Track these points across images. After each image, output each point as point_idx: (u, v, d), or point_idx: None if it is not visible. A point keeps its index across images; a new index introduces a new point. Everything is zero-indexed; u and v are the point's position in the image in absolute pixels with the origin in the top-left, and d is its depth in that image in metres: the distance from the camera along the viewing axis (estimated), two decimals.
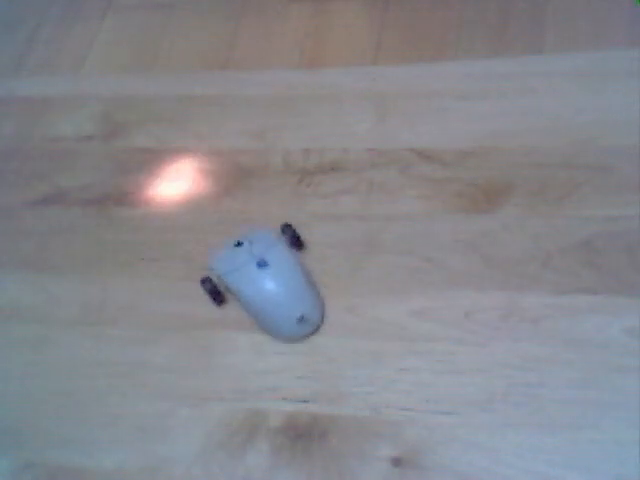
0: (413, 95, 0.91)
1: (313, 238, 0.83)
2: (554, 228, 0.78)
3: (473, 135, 0.86)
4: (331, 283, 0.80)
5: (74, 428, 0.78)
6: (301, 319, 0.76)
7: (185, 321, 0.81)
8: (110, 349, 0.81)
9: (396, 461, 0.69)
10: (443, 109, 0.89)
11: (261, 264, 0.77)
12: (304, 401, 0.74)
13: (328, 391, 0.74)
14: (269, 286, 0.77)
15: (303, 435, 0.72)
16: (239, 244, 0.79)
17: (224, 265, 0.79)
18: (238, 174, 0.90)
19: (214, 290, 0.80)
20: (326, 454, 0.71)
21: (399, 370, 0.73)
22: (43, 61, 1.08)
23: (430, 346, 0.74)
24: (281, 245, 0.79)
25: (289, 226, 0.81)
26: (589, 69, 0.87)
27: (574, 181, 0.80)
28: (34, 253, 0.90)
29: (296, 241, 0.81)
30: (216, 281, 0.80)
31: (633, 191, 0.78)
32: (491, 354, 0.73)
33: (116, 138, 0.97)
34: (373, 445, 0.70)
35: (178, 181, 0.92)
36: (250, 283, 0.77)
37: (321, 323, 0.78)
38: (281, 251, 0.79)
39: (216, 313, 0.81)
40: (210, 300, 0.80)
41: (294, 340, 0.77)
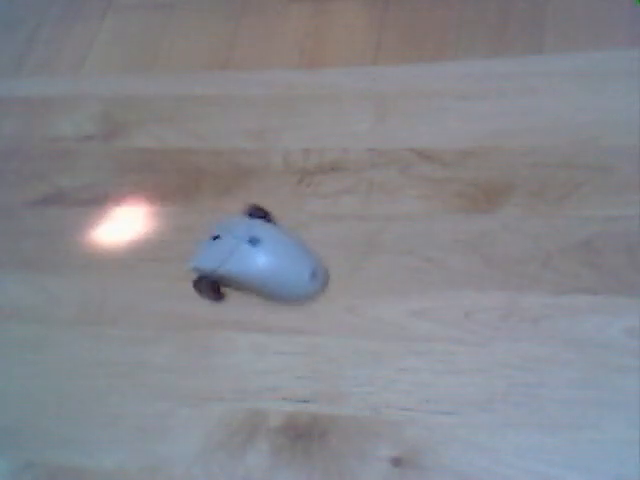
0: (413, 95, 0.91)
1: (313, 238, 0.83)
2: (554, 228, 0.78)
3: (473, 135, 0.86)
4: (331, 283, 0.80)
5: (74, 428, 0.78)
6: (313, 275, 0.77)
7: (185, 321, 0.81)
8: (110, 349, 0.81)
9: (396, 461, 0.69)
10: (443, 109, 0.89)
11: (253, 241, 0.77)
12: (304, 401, 0.74)
13: (328, 391, 0.74)
14: (272, 256, 0.77)
15: (303, 435, 0.72)
16: (216, 238, 0.79)
17: (213, 260, 0.79)
18: (238, 174, 0.90)
19: (212, 286, 0.80)
20: (326, 454, 0.71)
21: (399, 370, 0.73)
22: (43, 61, 1.08)
23: (430, 346, 0.74)
24: (260, 221, 0.80)
25: (259, 209, 0.82)
26: (589, 69, 0.87)
27: (574, 181, 0.80)
28: (34, 253, 0.90)
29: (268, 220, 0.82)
30: (207, 277, 0.80)
31: (633, 191, 0.78)
32: (491, 354, 0.73)
33: (116, 138, 0.97)
34: (373, 445, 0.70)
35: (178, 181, 0.92)
36: (251, 262, 0.77)
37: (328, 279, 0.79)
38: (264, 225, 0.80)
39: (216, 313, 0.81)
40: (209, 299, 0.80)
41: (309, 298, 0.78)
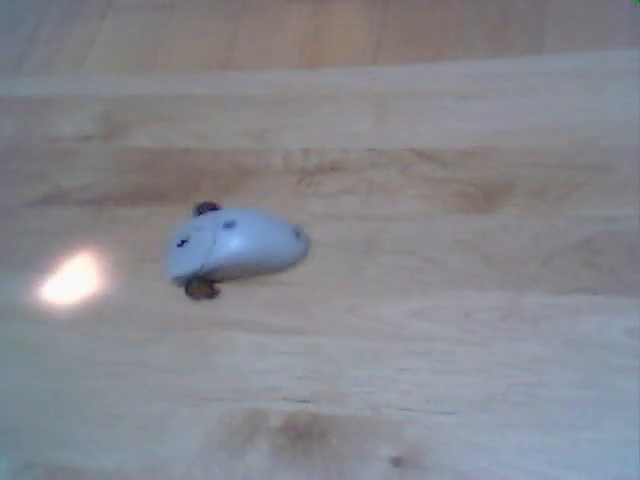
0: (413, 95, 0.91)
1: (313, 238, 0.83)
2: (554, 228, 0.78)
3: (473, 135, 0.86)
4: (331, 283, 0.80)
5: (74, 428, 0.78)
6: (297, 234, 0.79)
7: (185, 321, 0.81)
8: (110, 349, 0.81)
9: (396, 461, 0.69)
10: (443, 109, 0.89)
11: (229, 225, 0.78)
12: (304, 401, 0.74)
13: (328, 391, 0.74)
14: (253, 230, 0.79)
15: (303, 435, 0.72)
16: (184, 242, 0.79)
17: (194, 260, 0.79)
18: (238, 174, 0.90)
19: (205, 284, 0.80)
20: (326, 454, 0.71)
21: (399, 370, 0.73)
22: (43, 61, 1.08)
23: (430, 346, 0.74)
24: (224, 209, 0.81)
25: (207, 203, 0.83)
26: (589, 69, 0.87)
27: (574, 181, 0.80)
28: (34, 253, 0.90)
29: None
30: (197, 277, 0.80)
31: (633, 191, 0.78)
32: (491, 354, 0.73)
33: (116, 138, 0.97)
34: (373, 445, 0.70)
35: (178, 181, 0.92)
36: (236, 243, 0.78)
37: (310, 241, 0.81)
38: (230, 209, 0.81)
39: (216, 313, 0.81)
40: (205, 297, 0.80)
41: (299, 259, 0.80)
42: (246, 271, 0.80)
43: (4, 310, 0.87)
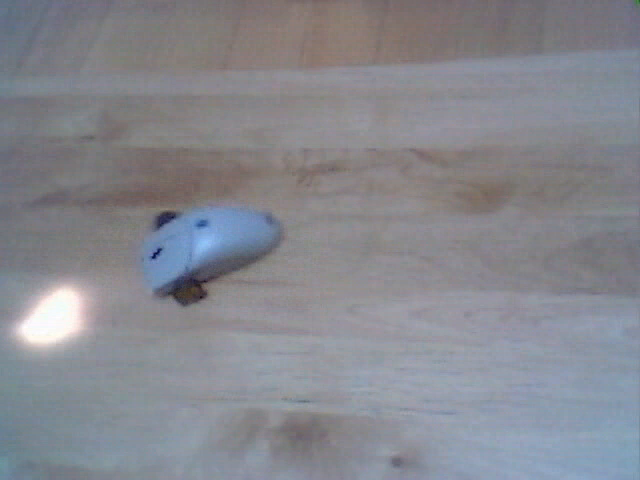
0: (413, 95, 0.91)
1: (313, 238, 0.83)
2: (554, 228, 0.78)
3: (473, 135, 0.86)
4: (331, 283, 0.80)
5: (74, 428, 0.78)
6: (268, 219, 0.81)
7: (185, 321, 0.81)
8: (110, 349, 0.81)
9: (396, 461, 0.69)
10: (443, 109, 0.89)
11: (202, 224, 0.79)
12: (304, 401, 0.74)
13: (328, 391, 0.74)
14: (227, 224, 0.79)
15: (303, 435, 0.72)
16: (158, 252, 0.80)
17: (174, 268, 0.79)
18: (238, 174, 0.90)
19: (193, 287, 0.80)
20: (326, 454, 0.71)
21: (399, 370, 0.73)
22: (43, 61, 1.08)
23: (430, 346, 0.74)
24: (192, 210, 0.81)
25: (166, 213, 0.83)
26: (589, 69, 0.87)
27: (574, 181, 0.80)
28: (34, 253, 0.90)
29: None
30: (183, 281, 0.80)
31: (633, 191, 0.78)
32: (491, 354, 0.73)
33: (116, 138, 0.97)
34: (373, 445, 0.70)
35: (178, 181, 0.92)
36: (213, 239, 0.79)
37: (282, 226, 0.83)
38: (198, 209, 0.81)
39: (216, 313, 0.81)
40: (194, 301, 0.81)
41: (275, 244, 0.81)
42: (229, 264, 0.81)
43: (4, 310, 0.87)
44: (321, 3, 1.02)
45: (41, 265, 0.89)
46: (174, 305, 0.82)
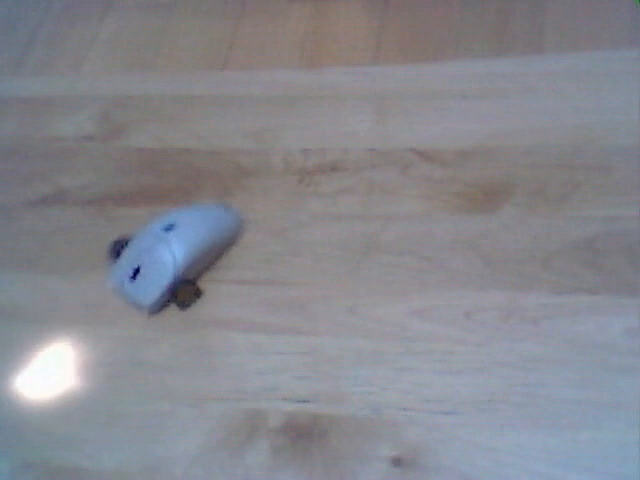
0: (413, 95, 0.91)
1: (313, 238, 0.83)
2: (554, 228, 0.78)
3: (473, 135, 0.86)
4: (331, 283, 0.80)
5: (74, 428, 0.78)
6: (227, 208, 0.84)
7: (185, 321, 0.81)
8: (110, 349, 0.81)
9: (396, 461, 0.69)
10: (443, 109, 0.89)
11: (171, 228, 0.80)
12: (304, 401, 0.74)
13: (328, 391, 0.74)
14: (194, 222, 0.81)
15: (303, 435, 0.72)
16: (137, 271, 0.79)
17: (162, 276, 0.79)
18: (238, 174, 0.90)
19: (188, 284, 0.80)
20: (326, 454, 0.71)
21: (399, 370, 0.73)
22: (43, 61, 1.08)
23: (430, 346, 0.74)
24: (152, 224, 0.82)
25: (119, 240, 0.83)
26: (589, 69, 0.87)
27: (574, 181, 0.80)
28: (34, 253, 0.90)
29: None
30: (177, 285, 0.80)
31: (633, 191, 0.78)
32: (491, 354, 0.73)
33: (116, 138, 0.97)
34: (373, 445, 0.70)
35: (178, 181, 0.92)
36: (189, 238, 0.80)
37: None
38: (157, 219, 0.82)
39: (216, 313, 0.81)
40: (194, 301, 0.81)
41: (240, 230, 0.84)
42: (209, 257, 0.82)
43: (4, 310, 0.87)
44: (321, 3, 1.02)
45: (41, 265, 0.89)
46: (174, 305, 0.82)
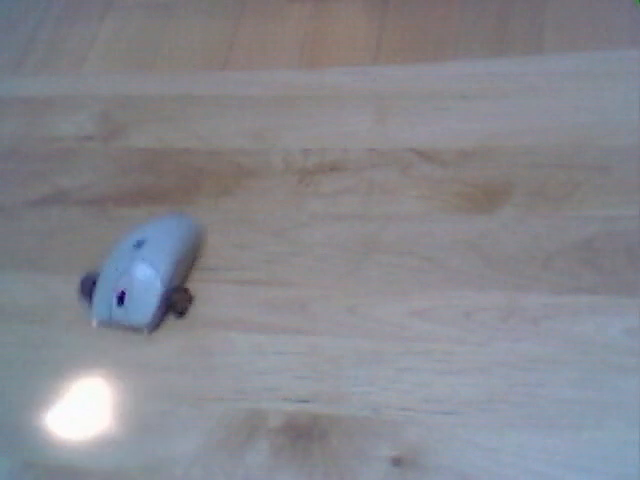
0: (413, 95, 0.91)
1: (313, 238, 0.83)
2: (554, 228, 0.78)
3: (473, 135, 0.86)
4: (331, 283, 0.80)
5: (74, 428, 0.78)
6: (182, 214, 0.85)
7: (185, 321, 0.81)
8: (110, 349, 0.81)
9: (396, 461, 0.69)
10: (443, 109, 0.89)
11: (140, 245, 0.80)
12: (304, 401, 0.74)
13: (328, 391, 0.74)
14: (160, 233, 0.82)
15: (303, 435, 0.72)
16: (123, 296, 0.79)
17: (151, 292, 0.79)
18: (238, 174, 0.90)
19: (180, 290, 0.80)
20: (326, 454, 0.71)
21: (399, 370, 0.73)
22: (43, 61, 1.08)
23: (430, 346, 0.74)
24: (121, 249, 0.81)
25: (88, 277, 0.82)
26: (589, 69, 0.87)
27: (574, 181, 0.80)
28: (34, 253, 0.90)
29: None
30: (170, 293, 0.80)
31: (633, 191, 0.78)
32: (491, 354, 0.73)
33: (116, 138, 0.97)
34: (373, 445, 0.70)
35: (178, 181, 0.92)
36: (163, 249, 0.80)
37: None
38: (123, 246, 0.82)
39: (216, 313, 0.81)
40: (189, 308, 0.81)
41: (202, 233, 0.85)
42: (185, 262, 0.82)
43: (4, 310, 0.87)
44: (321, 3, 1.02)
45: (41, 265, 0.89)
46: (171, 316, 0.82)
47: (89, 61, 1.06)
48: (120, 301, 0.79)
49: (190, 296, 0.81)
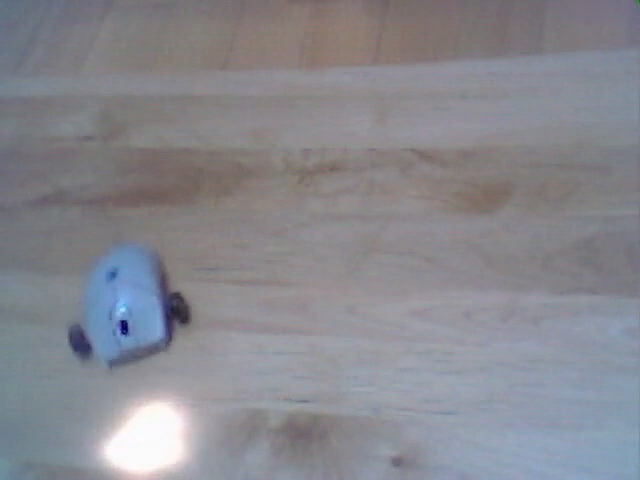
0: (413, 95, 0.91)
1: (313, 238, 0.83)
2: (554, 228, 0.78)
3: (473, 135, 0.86)
4: (331, 283, 0.80)
5: (74, 428, 0.78)
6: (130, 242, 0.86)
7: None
8: None
9: (396, 461, 0.69)
10: (443, 109, 0.89)
11: (115, 274, 0.79)
12: (304, 401, 0.74)
13: (328, 391, 0.74)
14: (130, 260, 0.82)
15: (303, 435, 0.72)
16: (125, 324, 0.78)
17: (153, 316, 0.78)
18: (238, 174, 0.90)
19: (179, 301, 0.80)
20: (326, 454, 0.71)
21: (399, 370, 0.73)
22: (43, 61, 1.09)
23: (430, 346, 0.74)
24: (93, 282, 0.81)
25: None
26: (589, 69, 0.87)
27: (574, 181, 0.80)
28: (34, 253, 0.90)
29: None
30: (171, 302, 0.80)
31: (633, 191, 0.78)
32: (491, 354, 0.73)
33: (116, 138, 0.97)
34: (373, 445, 0.70)
35: (178, 181, 0.92)
36: (143, 270, 0.81)
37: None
38: (93, 274, 0.81)
39: (216, 313, 0.81)
40: (187, 311, 0.81)
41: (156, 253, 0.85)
42: (160, 275, 0.82)
43: (4, 310, 0.87)
44: (321, 3, 1.02)
45: (41, 264, 0.89)
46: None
47: (89, 61, 1.06)
48: (124, 330, 0.77)
49: (185, 302, 0.81)
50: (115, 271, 0.80)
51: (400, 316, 0.76)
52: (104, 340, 0.78)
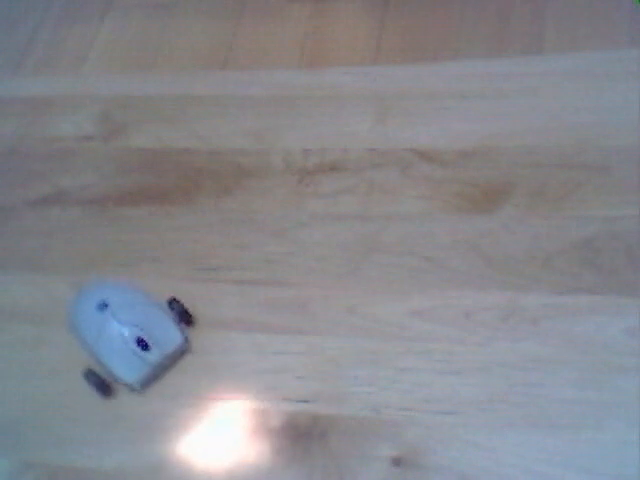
0: (413, 95, 0.91)
1: (313, 238, 0.83)
2: (554, 228, 0.78)
3: (473, 135, 0.86)
4: (331, 283, 0.80)
5: (74, 428, 0.78)
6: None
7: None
8: None
9: (396, 461, 0.69)
10: (443, 109, 0.89)
11: (103, 306, 0.78)
12: (304, 401, 0.74)
13: (328, 391, 0.74)
14: (115, 286, 0.82)
15: (303, 435, 0.72)
16: (143, 341, 0.77)
17: (168, 326, 0.78)
18: (238, 174, 0.90)
19: (183, 311, 0.80)
20: (326, 454, 0.71)
21: (399, 370, 0.73)
22: (43, 61, 1.09)
23: (430, 346, 0.74)
24: (82, 312, 0.80)
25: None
26: (589, 69, 0.87)
27: (574, 181, 0.80)
28: (34, 253, 0.90)
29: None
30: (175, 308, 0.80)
31: (633, 191, 0.78)
32: (491, 354, 0.73)
33: (116, 138, 0.97)
34: (373, 445, 0.70)
35: (178, 181, 0.92)
36: (133, 290, 0.81)
37: None
38: (81, 308, 0.81)
39: (216, 313, 0.81)
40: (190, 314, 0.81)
41: None
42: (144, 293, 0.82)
43: (4, 310, 0.87)
44: (321, 3, 1.02)
45: (41, 265, 0.89)
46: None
47: (89, 61, 1.06)
48: (145, 347, 0.77)
49: (184, 306, 0.81)
50: (104, 302, 0.79)
51: (400, 316, 0.76)
52: (128, 364, 0.77)
